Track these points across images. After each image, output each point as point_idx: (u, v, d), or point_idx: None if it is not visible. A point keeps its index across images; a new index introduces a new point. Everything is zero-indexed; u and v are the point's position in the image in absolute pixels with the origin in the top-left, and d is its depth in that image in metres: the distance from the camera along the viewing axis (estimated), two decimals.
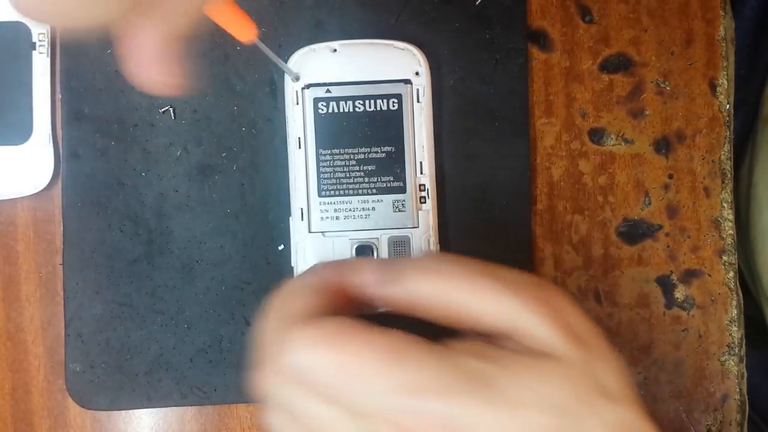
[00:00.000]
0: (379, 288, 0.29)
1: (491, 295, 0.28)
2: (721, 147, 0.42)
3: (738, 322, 0.42)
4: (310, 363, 0.26)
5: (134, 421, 0.42)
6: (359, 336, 0.26)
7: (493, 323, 0.28)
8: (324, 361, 0.26)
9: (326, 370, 0.26)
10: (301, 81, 0.39)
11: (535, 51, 0.42)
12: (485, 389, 0.25)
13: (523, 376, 0.26)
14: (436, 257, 0.29)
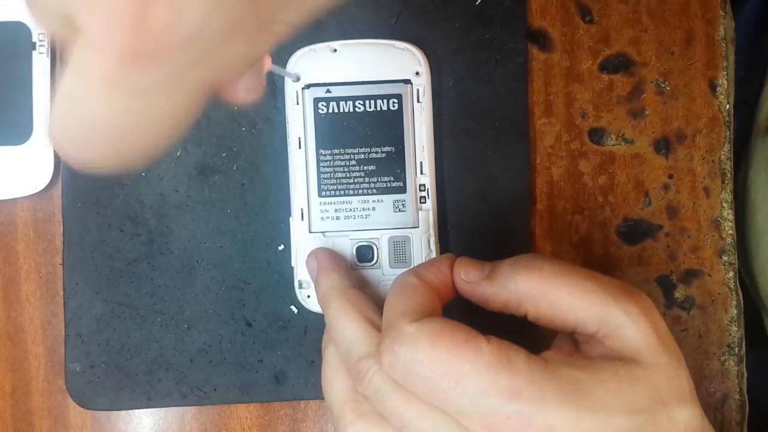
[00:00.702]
0: (481, 285, 0.32)
1: (588, 296, 0.30)
2: (721, 147, 0.42)
3: (738, 322, 0.42)
4: (421, 357, 0.27)
5: (134, 421, 0.42)
6: (468, 340, 0.28)
7: (586, 322, 0.30)
8: (433, 358, 0.27)
9: (434, 367, 0.27)
10: (301, 81, 0.39)
11: (535, 51, 0.42)
12: (579, 397, 0.27)
13: (612, 383, 0.28)
14: (532, 257, 0.32)
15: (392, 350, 0.28)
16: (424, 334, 0.28)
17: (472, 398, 0.27)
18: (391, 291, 0.32)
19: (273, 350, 0.41)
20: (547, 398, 0.27)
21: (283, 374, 0.41)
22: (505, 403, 0.27)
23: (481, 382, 0.27)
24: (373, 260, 0.39)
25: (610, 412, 0.27)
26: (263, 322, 0.41)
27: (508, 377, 0.27)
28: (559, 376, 0.28)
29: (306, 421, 0.42)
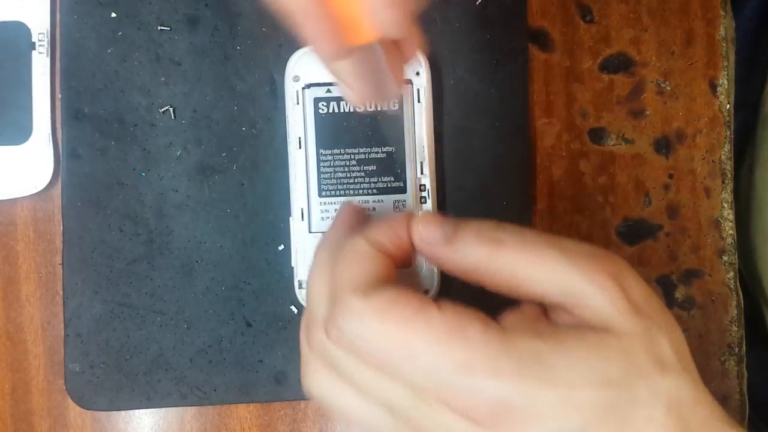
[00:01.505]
0: (440, 249, 0.29)
1: (550, 265, 0.28)
2: (721, 147, 0.42)
3: (738, 322, 0.42)
4: (368, 334, 0.26)
5: (134, 421, 0.42)
6: (418, 312, 0.26)
7: (550, 293, 0.28)
8: (381, 333, 0.26)
9: (382, 342, 0.26)
10: (302, 81, 0.39)
11: (536, 51, 0.42)
12: (540, 369, 0.25)
13: (579, 353, 0.26)
14: (495, 227, 0.29)
15: (337, 326, 0.27)
16: (371, 309, 0.26)
17: (426, 373, 0.26)
18: (340, 258, 0.29)
19: (273, 350, 0.41)
20: (502, 371, 0.25)
21: (283, 374, 0.41)
22: (459, 377, 0.25)
23: (433, 357, 0.25)
24: None
25: (574, 385, 0.25)
26: (263, 322, 0.41)
27: (461, 350, 0.25)
28: (517, 347, 0.26)
29: (306, 421, 0.42)
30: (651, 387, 0.27)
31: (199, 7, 0.41)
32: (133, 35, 0.41)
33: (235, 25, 0.41)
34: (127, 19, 0.41)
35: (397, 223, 0.30)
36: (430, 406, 0.26)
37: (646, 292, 0.28)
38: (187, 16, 0.41)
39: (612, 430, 0.26)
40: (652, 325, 0.28)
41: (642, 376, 0.27)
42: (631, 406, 0.26)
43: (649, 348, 0.27)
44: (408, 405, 0.27)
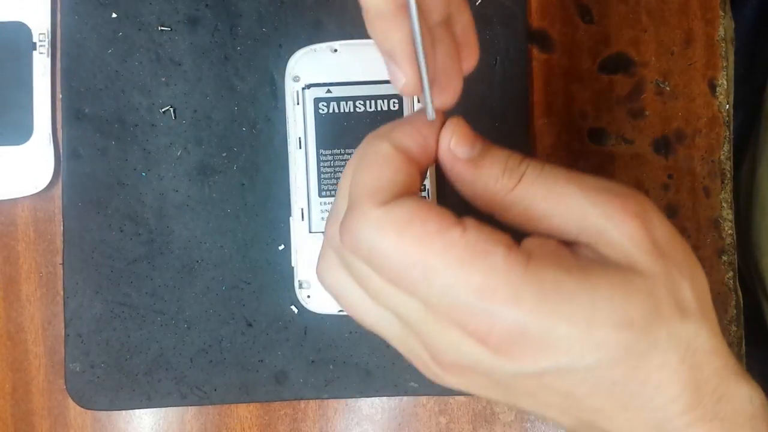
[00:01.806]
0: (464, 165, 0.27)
1: (566, 201, 0.26)
2: (720, 147, 0.42)
3: (737, 321, 0.42)
4: (384, 247, 0.25)
5: (135, 421, 0.42)
6: (439, 231, 0.25)
7: (567, 230, 0.27)
8: (397, 249, 0.25)
9: (398, 258, 0.25)
10: (302, 81, 0.39)
11: (535, 51, 0.42)
12: (561, 302, 0.24)
13: (603, 290, 0.25)
14: (520, 160, 0.27)
15: (352, 232, 0.25)
16: (389, 222, 0.25)
17: (441, 292, 0.24)
18: (359, 158, 0.27)
19: (273, 350, 0.41)
20: (523, 301, 0.24)
21: (283, 374, 0.41)
22: (477, 300, 0.24)
23: (451, 279, 0.24)
24: None
25: (594, 323, 0.24)
26: (263, 322, 0.41)
27: (482, 275, 0.24)
28: (540, 276, 0.24)
29: (306, 421, 0.42)
30: (671, 333, 0.26)
31: (199, 8, 0.41)
32: (133, 36, 0.41)
33: (235, 26, 0.41)
34: (128, 20, 0.41)
35: (426, 126, 0.28)
36: (442, 324, 0.25)
37: (670, 233, 0.27)
38: (188, 16, 0.41)
39: (623, 372, 0.25)
40: (675, 268, 0.26)
41: (663, 320, 0.25)
42: (648, 350, 0.25)
43: (671, 292, 0.26)
44: (420, 320, 0.26)
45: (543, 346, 0.25)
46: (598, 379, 0.25)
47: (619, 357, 0.25)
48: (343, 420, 0.42)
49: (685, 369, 0.26)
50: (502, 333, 0.24)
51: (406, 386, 0.41)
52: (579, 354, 0.25)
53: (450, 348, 0.26)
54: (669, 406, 0.26)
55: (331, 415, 0.42)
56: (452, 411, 0.42)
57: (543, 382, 0.26)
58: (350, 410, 0.42)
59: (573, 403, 0.26)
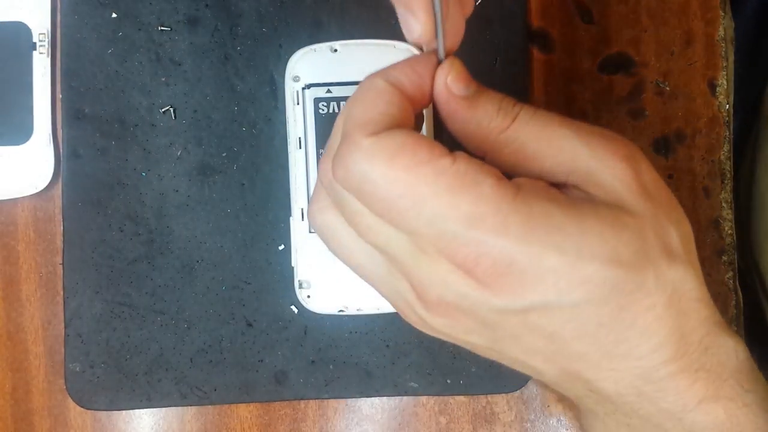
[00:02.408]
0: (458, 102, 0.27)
1: (557, 143, 0.27)
2: (720, 147, 0.42)
3: (737, 321, 0.42)
4: (374, 176, 0.25)
5: (134, 421, 0.42)
6: (430, 159, 0.25)
7: (558, 171, 0.27)
8: (388, 177, 0.25)
9: (388, 187, 0.25)
10: (302, 81, 0.39)
11: (536, 51, 0.42)
12: (550, 234, 0.24)
13: (593, 225, 0.25)
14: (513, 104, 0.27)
15: (344, 164, 0.25)
16: (380, 151, 0.25)
17: (429, 222, 0.24)
18: (354, 95, 0.27)
19: (273, 350, 0.41)
20: (510, 229, 0.24)
21: (283, 374, 0.41)
22: (464, 229, 0.24)
23: (440, 207, 0.24)
24: None
25: (583, 257, 0.24)
26: (263, 322, 0.41)
27: (470, 203, 0.24)
28: (530, 207, 0.24)
29: (306, 420, 0.42)
30: (658, 275, 0.26)
31: (199, 8, 0.41)
32: (133, 36, 0.41)
33: (235, 26, 0.41)
34: (128, 20, 0.41)
35: (421, 64, 0.28)
36: (429, 257, 0.25)
37: (657, 179, 0.27)
38: (188, 16, 0.41)
39: (610, 312, 0.25)
40: (662, 212, 0.27)
41: (651, 261, 0.26)
42: (635, 291, 0.25)
43: (659, 235, 0.26)
44: (407, 254, 0.26)
45: (530, 279, 0.24)
46: (585, 320, 0.25)
47: (606, 295, 0.25)
48: (343, 420, 0.42)
49: (671, 315, 0.26)
50: (489, 263, 0.24)
51: (406, 386, 0.41)
52: (566, 289, 0.25)
53: (436, 282, 0.25)
54: (654, 354, 0.26)
55: (331, 415, 0.42)
56: (452, 411, 0.42)
57: (529, 321, 0.25)
58: (350, 410, 0.42)
59: (558, 348, 0.26)
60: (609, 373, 0.27)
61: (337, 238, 0.28)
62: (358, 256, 0.28)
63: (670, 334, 0.26)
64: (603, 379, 0.27)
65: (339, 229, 0.28)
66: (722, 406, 0.27)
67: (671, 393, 0.27)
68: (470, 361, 0.41)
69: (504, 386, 0.41)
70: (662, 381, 0.27)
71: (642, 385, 0.27)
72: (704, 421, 0.27)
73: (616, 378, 0.27)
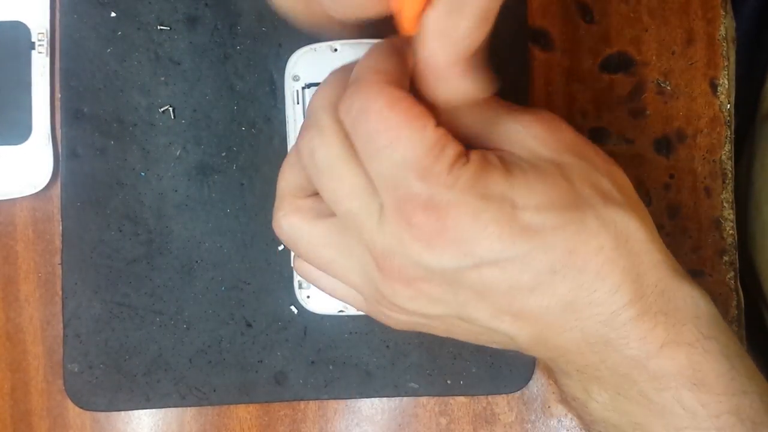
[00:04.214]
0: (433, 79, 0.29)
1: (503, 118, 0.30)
2: (722, 147, 0.42)
3: (738, 322, 0.42)
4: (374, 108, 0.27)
5: (134, 422, 0.42)
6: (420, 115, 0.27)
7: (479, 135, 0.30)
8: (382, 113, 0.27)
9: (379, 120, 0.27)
10: (301, 80, 0.39)
11: (536, 50, 0.42)
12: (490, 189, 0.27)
13: (522, 179, 0.27)
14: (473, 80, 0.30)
15: (352, 99, 0.28)
16: (385, 94, 0.27)
17: (395, 165, 0.27)
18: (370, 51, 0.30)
19: (273, 351, 0.41)
20: (457, 184, 0.27)
21: (283, 375, 0.41)
22: (419, 181, 0.26)
23: (409, 153, 0.26)
24: None
25: (516, 206, 0.27)
26: (263, 322, 0.41)
27: (432, 159, 0.27)
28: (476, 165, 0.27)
29: (306, 421, 0.42)
30: (597, 215, 0.28)
31: (198, 7, 0.41)
32: (132, 35, 0.41)
33: (234, 25, 0.41)
34: (127, 19, 0.41)
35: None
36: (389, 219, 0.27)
37: (577, 138, 0.30)
38: (187, 15, 0.41)
39: (559, 257, 0.27)
40: (585, 163, 0.29)
41: (584, 201, 0.28)
42: (578, 232, 0.27)
43: (587, 179, 0.28)
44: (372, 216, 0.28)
45: (474, 234, 0.26)
46: (537, 269, 0.27)
47: (550, 239, 0.27)
48: (343, 421, 0.42)
49: (621, 255, 0.28)
50: (436, 214, 0.26)
51: (406, 387, 0.41)
52: (509, 238, 0.27)
53: (396, 249, 0.27)
54: (612, 297, 0.28)
55: (331, 415, 0.42)
56: (452, 412, 0.42)
57: (485, 277, 0.27)
58: (350, 411, 0.42)
59: (521, 304, 0.28)
60: (574, 323, 0.28)
61: (305, 238, 0.31)
62: (327, 251, 0.31)
63: (624, 275, 0.28)
64: (569, 329, 0.28)
65: (306, 229, 0.31)
66: (684, 352, 0.28)
67: (634, 339, 0.28)
68: (471, 361, 0.41)
69: (504, 387, 0.41)
70: (624, 326, 0.28)
71: (607, 333, 0.28)
72: (668, 367, 0.28)
73: (582, 328, 0.28)
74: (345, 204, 0.29)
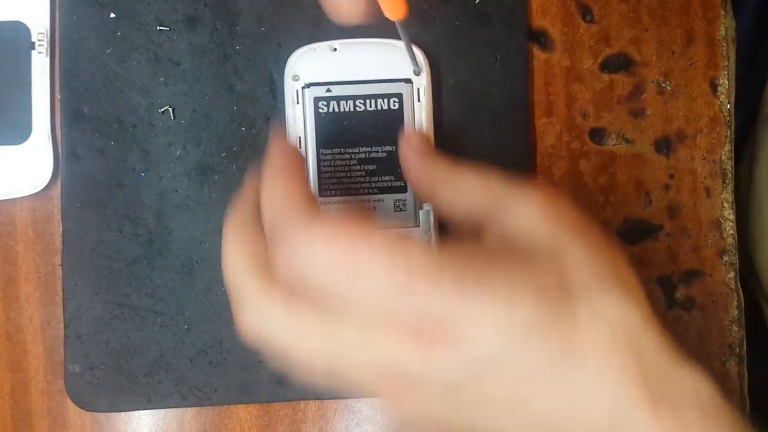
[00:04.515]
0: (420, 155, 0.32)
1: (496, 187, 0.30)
2: (722, 147, 0.42)
3: (739, 322, 0.42)
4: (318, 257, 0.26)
5: (134, 422, 0.42)
6: (361, 232, 0.26)
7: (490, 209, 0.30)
8: (329, 254, 0.26)
9: (330, 263, 0.26)
10: (301, 80, 0.39)
11: (536, 50, 0.42)
12: (477, 284, 0.25)
13: (512, 267, 0.26)
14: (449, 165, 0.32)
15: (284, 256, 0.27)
16: (318, 232, 0.26)
17: (371, 296, 0.25)
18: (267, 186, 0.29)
19: None
20: (443, 288, 0.25)
21: (284, 375, 0.41)
22: (403, 297, 0.25)
23: (379, 278, 0.25)
24: None
25: (512, 299, 0.25)
26: None
27: (405, 270, 0.25)
28: (457, 264, 0.26)
29: (306, 421, 0.42)
30: (591, 306, 0.26)
31: (198, 7, 0.41)
32: (132, 35, 0.41)
33: (234, 25, 0.41)
34: (126, 20, 0.41)
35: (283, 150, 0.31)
36: (372, 334, 0.26)
37: (574, 216, 0.29)
38: (186, 16, 0.41)
39: (558, 356, 0.26)
40: (581, 244, 0.28)
41: (579, 292, 0.26)
42: (572, 325, 0.26)
43: (581, 265, 0.27)
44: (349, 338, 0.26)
45: (472, 331, 0.25)
46: (536, 369, 0.25)
47: (547, 332, 0.25)
48: (343, 421, 0.42)
49: (620, 346, 0.26)
50: (431, 323, 0.25)
51: None
52: (507, 333, 0.25)
53: (390, 360, 0.26)
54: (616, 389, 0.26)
55: (331, 416, 0.42)
56: None
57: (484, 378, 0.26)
58: (350, 411, 0.42)
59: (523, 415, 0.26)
60: (578, 420, 0.26)
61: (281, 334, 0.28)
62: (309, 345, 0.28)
63: (625, 365, 0.26)
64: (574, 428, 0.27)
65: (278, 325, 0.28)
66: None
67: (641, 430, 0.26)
68: None
69: None
70: (630, 418, 0.26)
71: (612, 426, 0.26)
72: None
73: (586, 425, 0.26)
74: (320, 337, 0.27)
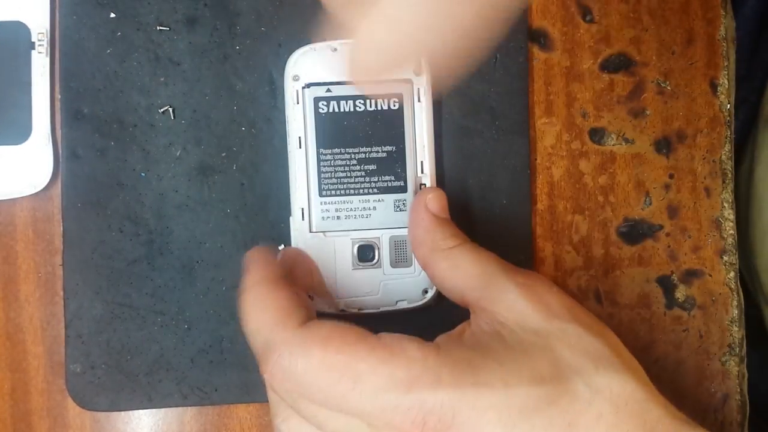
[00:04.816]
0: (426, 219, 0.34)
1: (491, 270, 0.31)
2: (722, 147, 0.42)
3: (739, 322, 0.42)
4: (314, 364, 0.27)
5: (134, 422, 0.42)
6: (357, 339, 0.27)
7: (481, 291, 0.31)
8: (326, 362, 0.26)
9: (328, 372, 0.26)
10: (301, 80, 0.39)
11: (536, 50, 0.42)
12: (474, 375, 0.26)
13: (506, 355, 0.27)
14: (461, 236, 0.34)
15: (280, 366, 0.27)
16: (313, 339, 0.27)
17: (372, 397, 0.26)
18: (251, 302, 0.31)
19: None
20: (443, 381, 0.26)
21: None
22: (404, 395, 0.26)
23: (378, 379, 0.26)
24: (374, 260, 0.39)
25: (509, 384, 0.26)
26: None
27: (404, 368, 0.26)
28: (452, 356, 0.27)
29: None
30: (588, 382, 0.27)
31: (198, 7, 0.41)
32: (132, 35, 0.41)
33: (234, 25, 0.41)
34: (126, 20, 0.41)
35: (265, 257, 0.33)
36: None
37: (563, 301, 0.30)
38: (186, 16, 0.41)
39: (559, 425, 0.26)
40: (572, 326, 0.29)
41: (578, 372, 0.27)
42: (572, 402, 0.26)
43: (574, 344, 0.28)
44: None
45: (475, 421, 0.26)
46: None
47: (548, 413, 0.26)
48: None
49: (623, 420, 0.26)
50: (435, 419, 0.26)
51: None
52: (508, 418, 0.26)
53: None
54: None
55: None
56: None
57: None
58: None
59: None
60: None
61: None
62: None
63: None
64: None
65: None
66: None
67: None
68: None
69: None
70: None
71: None
72: None
73: None
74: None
